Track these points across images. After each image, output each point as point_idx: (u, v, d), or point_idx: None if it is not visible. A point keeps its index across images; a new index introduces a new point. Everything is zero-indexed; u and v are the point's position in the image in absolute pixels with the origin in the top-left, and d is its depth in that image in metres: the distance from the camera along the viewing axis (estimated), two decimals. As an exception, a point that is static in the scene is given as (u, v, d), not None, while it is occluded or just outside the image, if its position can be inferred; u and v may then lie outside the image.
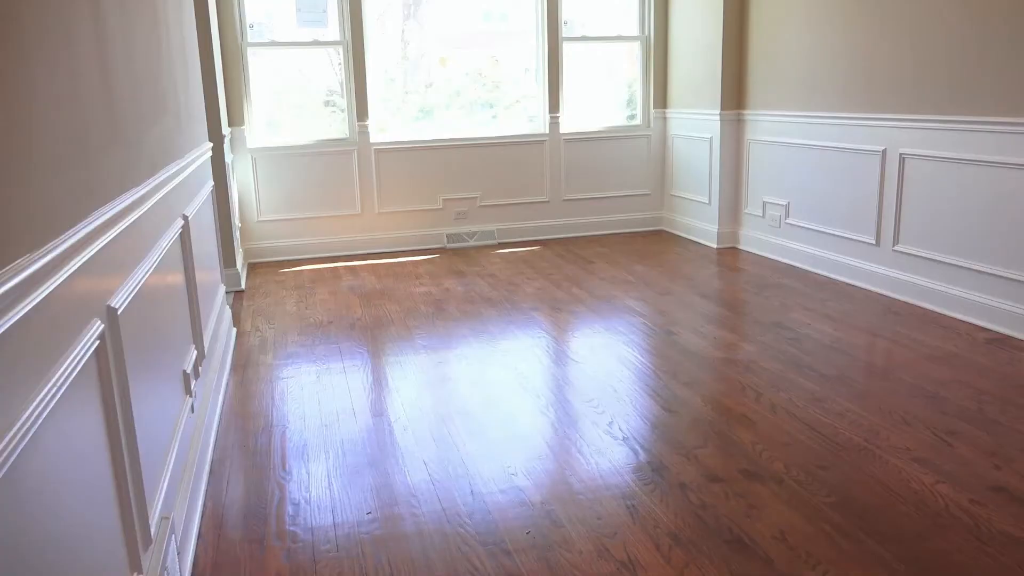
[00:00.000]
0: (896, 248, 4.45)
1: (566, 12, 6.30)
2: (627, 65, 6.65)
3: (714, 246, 5.99)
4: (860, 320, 4.11)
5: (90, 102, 1.75)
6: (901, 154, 4.35)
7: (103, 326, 1.60)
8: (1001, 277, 3.84)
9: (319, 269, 5.67)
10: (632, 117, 6.66)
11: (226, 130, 5.19)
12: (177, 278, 2.65)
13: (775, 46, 5.36)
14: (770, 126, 5.47)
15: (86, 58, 1.75)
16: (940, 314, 4.14)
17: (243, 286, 5.14)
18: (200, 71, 4.01)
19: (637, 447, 2.78)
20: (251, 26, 5.74)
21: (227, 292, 4.78)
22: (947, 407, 3.02)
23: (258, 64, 5.82)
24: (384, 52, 6.19)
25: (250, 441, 2.93)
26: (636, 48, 6.55)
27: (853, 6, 4.64)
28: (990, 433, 2.79)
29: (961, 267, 4.06)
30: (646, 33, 6.47)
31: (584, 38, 6.44)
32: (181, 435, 2.35)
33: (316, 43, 5.94)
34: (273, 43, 5.86)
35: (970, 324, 3.97)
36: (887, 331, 3.94)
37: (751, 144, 5.69)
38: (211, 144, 4.09)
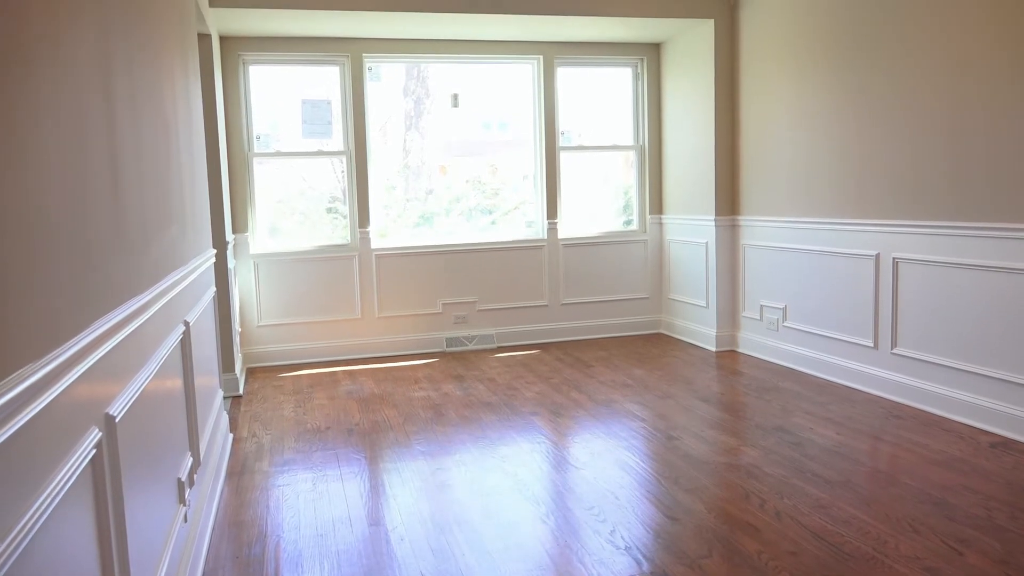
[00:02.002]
0: (895, 351, 4.46)
1: (563, 123, 6.52)
2: (623, 172, 6.82)
3: (713, 349, 5.99)
4: (862, 424, 4.08)
5: (99, 209, 1.79)
6: (894, 258, 4.42)
7: (100, 434, 1.60)
8: (1002, 380, 3.84)
9: (318, 374, 5.65)
10: (629, 222, 6.78)
11: (230, 237, 5.28)
12: (176, 384, 2.65)
13: (767, 153, 5.52)
14: (764, 231, 5.57)
15: (97, 166, 1.80)
16: (942, 417, 4.12)
17: (241, 391, 5.12)
18: (207, 180, 4.12)
19: (640, 557, 2.71)
20: (258, 137, 5.93)
21: (225, 397, 4.75)
22: (955, 514, 2.96)
23: (263, 172, 5.97)
24: (386, 161, 6.36)
25: (243, 552, 2.86)
26: (631, 156, 6.73)
27: (843, 115, 4.81)
28: (1000, 541, 2.73)
29: (961, 370, 4.06)
30: (641, 142, 6.67)
31: (580, 147, 6.64)
32: (173, 546, 2.30)
33: (320, 153, 6.11)
34: (278, 153, 6.03)
35: (973, 428, 3.94)
36: (890, 435, 3.90)
37: (746, 248, 5.78)
38: (215, 251, 4.16)
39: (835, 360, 4.93)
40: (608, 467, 3.59)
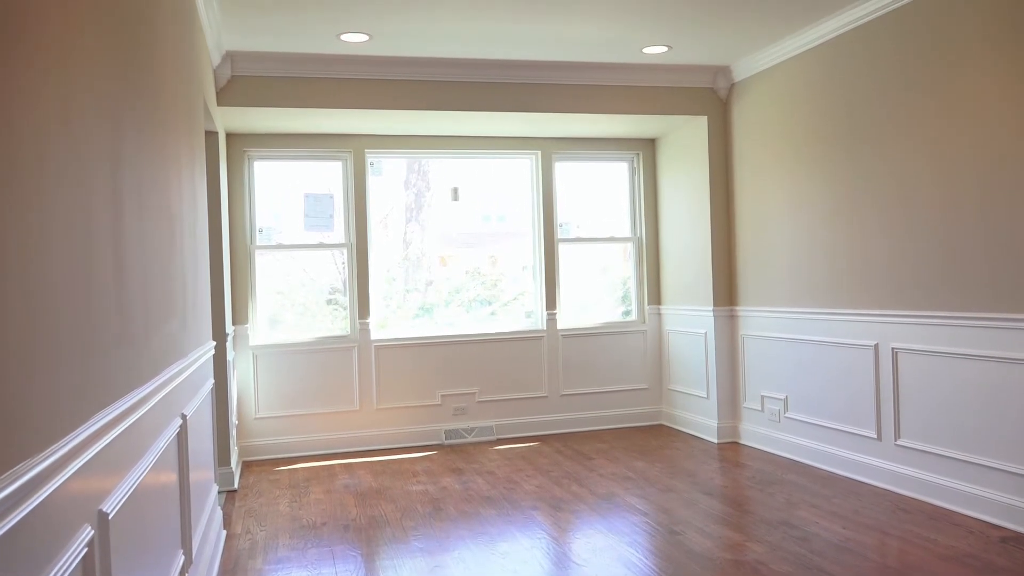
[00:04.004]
0: (898, 442, 4.41)
1: (561, 215, 6.62)
2: (621, 263, 6.89)
3: (714, 441, 5.92)
4: (868, 518, 4.00)
5: (102, 302, 1.80)
6: (893, 348, 4.42)
7: (93, 532, 1.56)
8: (1010, 472, 3.77)
9: (315, 467, 5.56)
10: (627, 313, 6.81)
11: (230, 328, 5.28)
12: (171, 479, 2.61)
13: (763, 244, 5.58)
14: (763, 321, 5.58)
15: (102, 258, 1.82)
16: (950, 511, 4.04)
17: (236, 485, 5.03)
18: (209, 272, 4.15)
19: (645, 660, 2.61)
20: (260, 230, 6.01)
21: (219, 492, 4.67)
22: (968, 613, 2.87)
23: (264, 264, 6.03)
24: (386, 252, 6.43)
25: (234, 655, 2.76)
26: (629, 248, 6.82)
27: (838, 205, 4.88)
28: (1017, 642, 2.64)
29: (967, 462, 4.00)
30: (638, 234, 6.76)
31: (579, 239, 6.73)
32: (162, 650, 2.22)
33: (322, 245, 6.19)
34: (280, 246, 6.10)
35: (982, 522, 3.85)
36: (897, 529, 3.82)
37: (745, 339, 5.78)
38: (214, 343, 4.16)
39: (839, 452, 4.87)
40: (610, 564, 3.51)
